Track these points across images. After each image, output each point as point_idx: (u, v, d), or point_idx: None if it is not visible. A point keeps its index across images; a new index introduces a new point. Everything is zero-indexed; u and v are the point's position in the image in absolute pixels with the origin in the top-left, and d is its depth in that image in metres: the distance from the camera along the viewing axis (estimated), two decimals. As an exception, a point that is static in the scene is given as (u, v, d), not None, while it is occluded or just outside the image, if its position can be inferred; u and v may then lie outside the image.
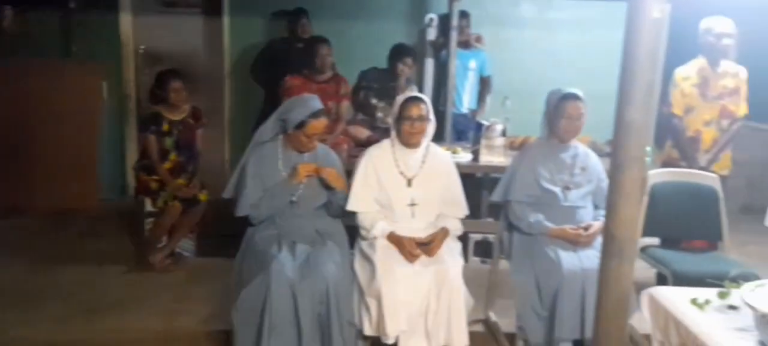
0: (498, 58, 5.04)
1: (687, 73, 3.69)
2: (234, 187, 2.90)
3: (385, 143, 2.92)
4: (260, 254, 2.69)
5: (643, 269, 3.38)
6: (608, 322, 1.85)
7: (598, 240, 2.92)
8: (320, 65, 4.07)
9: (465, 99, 4.92)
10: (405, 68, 4.24)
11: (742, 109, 3.76)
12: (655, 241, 3.46)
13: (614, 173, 1.79)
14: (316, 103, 2.83)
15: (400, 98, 2.87)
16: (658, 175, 3.36)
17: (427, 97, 2.96)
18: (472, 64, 4.90)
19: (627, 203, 1.78)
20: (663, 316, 1.85)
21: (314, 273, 2.59)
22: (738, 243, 4.61)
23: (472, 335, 2.74)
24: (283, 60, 4.55)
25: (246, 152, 2.92)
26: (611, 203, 1.81)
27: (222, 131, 5.52)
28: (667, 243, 3.43)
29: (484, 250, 4.17)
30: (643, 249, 3.33)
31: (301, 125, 2.77)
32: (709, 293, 1.87)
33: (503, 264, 3.14)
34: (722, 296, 1.81)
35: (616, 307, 1.84)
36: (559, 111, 2.89)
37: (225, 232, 3.11)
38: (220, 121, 5.47)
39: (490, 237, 3.94)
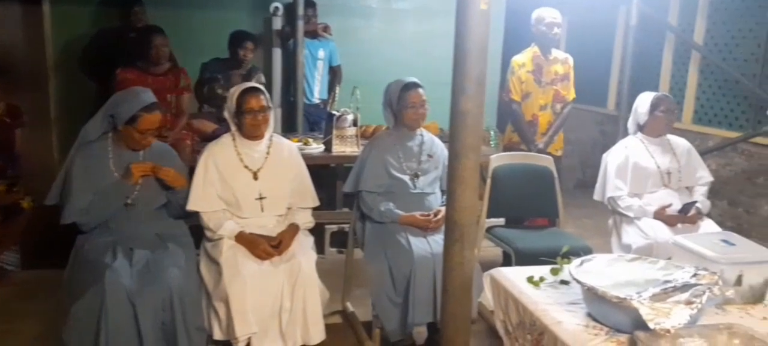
0: (347, 48, 5.05)
1: (522, 61, 3.93)
2: (58, 192, 2.60)
3: (226, 138, 2.79)
4: (92, 264, 2.44)
5: (491, 249, 3.57)
6: (454, 304, 1.90)
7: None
8: (155, 57, 3.80)
9: (316, 89, 4.87)
10: (247, 53, 4.12)
11: (571, 94, 4.08)
12: (501, 221, 3.65)
13: (452, 162, 1.83)
14: (148, 96, 2.61)
15: (234, 91, 2.74)
16: (499, 158, 3.54)
17: (262, 86, 2.85)
18: (321, 53, 4.86)
19: (465, 189, 1.83)
20: (503, 295, 1.93)
21: (155, 280, 2.40)
22: (575, 217, 5.06)
23: (330, 328, 2.71)
24: (115, 51, 4.20)
25: (70, 153, 2.63)
26: (451, 191, 1.85)
27: (48, 131, 4.98)
28: (511, 223, 3.63)
29: (340, 240, 4.16)
30: (489, 229, 3.50)
31: (132, 120, 2.55)
32: (544, 271, 1.97)
33: (359, 253, 3.14)
34: (554, 272, 1.93)
35: (461, 290, 1.89)
36: (403, 101, 2.93)
37: (53, 242, 2.79)
38: (45, 119, 4.93)
39: (347, 227, 3.94)
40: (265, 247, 2.61)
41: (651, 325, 1.48)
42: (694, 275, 1.68)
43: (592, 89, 6.79)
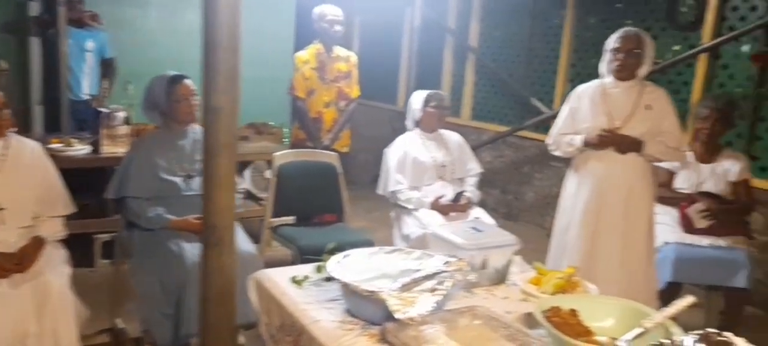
0: (121, 39, 4.62)
1: (306, 57, 3.92)
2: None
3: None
4: None
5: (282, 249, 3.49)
6: (215, 312, 1.79)
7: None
8: None
9: (84, 84, 4.39)
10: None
11: (355, 92, 4.16)
12: (290, 219, 3.60)
13: (206, 161, 1.72)
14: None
15: None
16: (284, 156, 3.49)
17: None
18: (90, 45, 4.39)
19: (222, 190, 1.72)
20: (266, 297, 1.86)
21: None
22: (365, 210, 5.21)
23: (95, 349, 2.43)
24: None
25: None
26: (206, 193, 1.74)
27: None
28: (301, 220, 3.60)
29: (112, 251, 3.78)
30: (275, 229, 3.43)
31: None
32: (309, 269, 1.94)
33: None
34: (320, 269, 1.91)
35: (221, 297, 1.78)
36: (173, 96, 2.73)
37: None
38: None
39: (121, 236, 3.59)
40: (2, 265, 2.24)
41: (398, 315, 1.52)
42: (446, 262, 1.77)
43: (384, 87, 7.08)
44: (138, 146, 2.80)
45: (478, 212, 3.63)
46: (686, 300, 1.59)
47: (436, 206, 3.51)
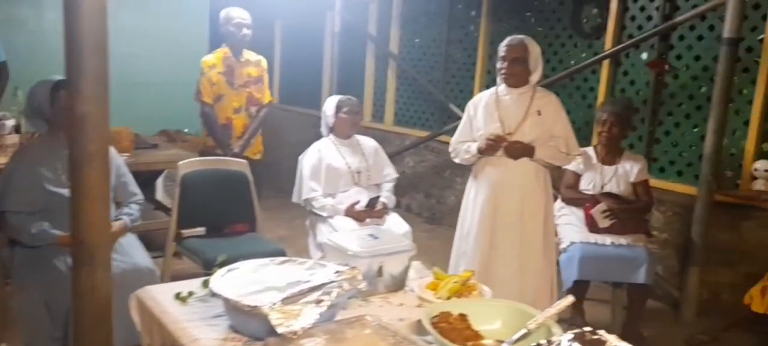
0: (13, 41, 4.32)
1: (212, 62, 3.79)
2: None
3: None
4: None
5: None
6: (89, 337, 1.67)
7: (122, 243, 2.73)
8: None
9: (-29, 90, 4.08)
10: None
11: (266, 97, 4.06)
12: (200, 231, 3.46)
13: (74, 172, 1.60)
14: None
15: None
16: (188, 164, 3.35)
17: None
18: (-23, 47, 4.09)
19: (92, 203, 1.61)
20: (148, 317, 1.76)
21: None
22: (288, 219, 5.10)
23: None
24: None
25: None
26: (75, 206, 1.61)
27: None
28: (211, 231, 3.46)
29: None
30: (181, 241, 3.28)
31: None
32: (195, 285, 1.85)
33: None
34: (205, 284, 1.82)
35: (95, 319, 1.66)
36: (57, 102, 2.56)
37: None
38: None
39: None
40: None
41: (280, 330, 1.46)
42: (337, 271, 1.72)
43: (308, 92, 7.00)
44: (20, 156, 2.61)
45: (393, 218, 3.62)
46: (566, 300, 1.61)
47: (351, 212, 3.47)
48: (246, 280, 1.69)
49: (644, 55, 4.20)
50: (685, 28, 3.96)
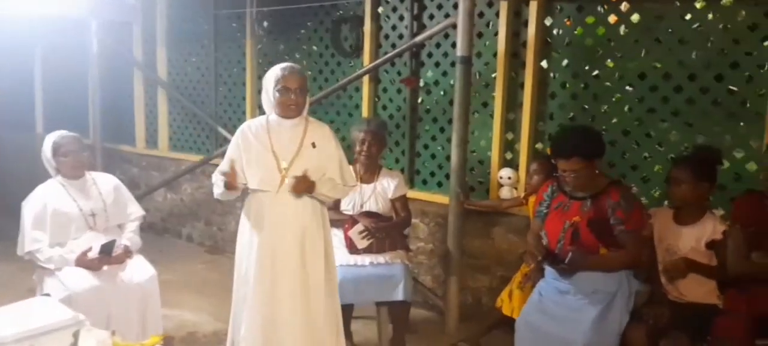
0: None
1: None
2: None
3: None
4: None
5: None
6: None
7: None
8: None
9: None
10: None
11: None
12: None
13: None
14: None
15: None
16: None
17: None
18: None
19: None
20: None
21: None
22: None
23: None
24: None
25: None
26: None
27: None
28: None
29: None
30: None
31: None
32: None
33: None
34: None
35: None
36: None
37: None
38: None
39: None
40: None
41: None
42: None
43: (73, 118, 6.23)
44: None
45: (138, 262, 3.27)
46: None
47: (83, 261, 3.08)
48: None
49: (399, 72, 4.31)
50: (433, 46, 4.12)
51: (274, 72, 2.80)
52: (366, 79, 4.37)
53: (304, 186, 2.77)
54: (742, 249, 2.60)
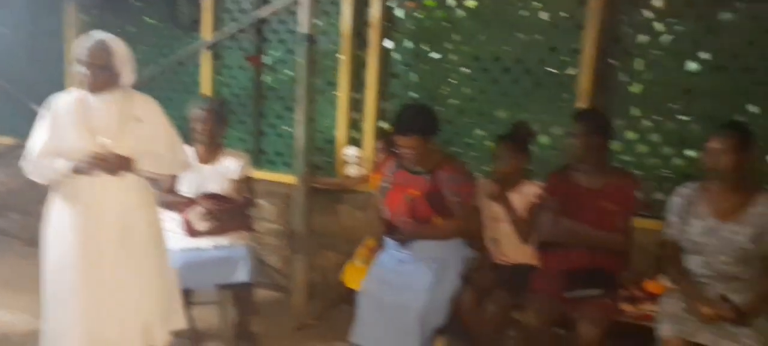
0: None
1: None
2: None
3: None
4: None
5: None
6: None
7: None
8: None
9: None
10: None
11: None
12: None
13: None
14: None
15: None
16: None
17: None
18: None
19: None
20: None
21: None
22: None
23: None
24: None
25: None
26: None
27: None
28: None
29: None
30: None
31: None
32: None
33: None
34: None
35: None
36: None
37: None
38: None
39: None
40: None
41: None
42: None
43: None
44: None
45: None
46: None
47: None
48: None
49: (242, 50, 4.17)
50: (277, 22, 4.03)
51: (78, 44, 2.59)
52: (206, 55, 4.17)
53: (116, 163, 2.58)
54: (552, 217, 2.87)
